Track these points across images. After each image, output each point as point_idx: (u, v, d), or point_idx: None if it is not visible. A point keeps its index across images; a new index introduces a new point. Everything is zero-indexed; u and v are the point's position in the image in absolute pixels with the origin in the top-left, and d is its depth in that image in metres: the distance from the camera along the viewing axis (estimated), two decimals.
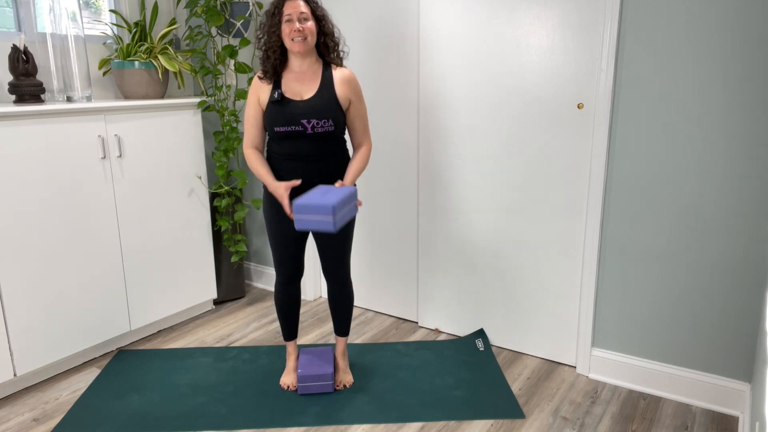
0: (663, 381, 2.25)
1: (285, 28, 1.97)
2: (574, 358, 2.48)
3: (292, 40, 1.96)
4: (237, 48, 2.82)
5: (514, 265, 2.54)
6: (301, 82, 2.04)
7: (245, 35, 2.89)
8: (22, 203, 2.19)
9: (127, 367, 2.48)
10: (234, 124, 2.97)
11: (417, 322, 2.92)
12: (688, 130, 2.05)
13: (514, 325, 2.60)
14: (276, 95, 2.01)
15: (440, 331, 2.82)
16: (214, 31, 2.98)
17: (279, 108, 2.01)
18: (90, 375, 2.44)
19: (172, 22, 2.87)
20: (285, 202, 2.01)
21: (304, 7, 1.97)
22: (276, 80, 2.05)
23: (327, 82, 2.04)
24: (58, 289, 2.34)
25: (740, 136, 1.96)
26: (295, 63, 2.04)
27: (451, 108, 2.54)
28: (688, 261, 2.13)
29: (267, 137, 2.13)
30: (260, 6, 2.91)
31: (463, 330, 2.76)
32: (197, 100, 2.78)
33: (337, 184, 2.00)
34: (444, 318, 2.80)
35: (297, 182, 2.02)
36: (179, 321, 2.95)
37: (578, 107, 2.25)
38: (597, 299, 2.35)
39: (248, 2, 2.85)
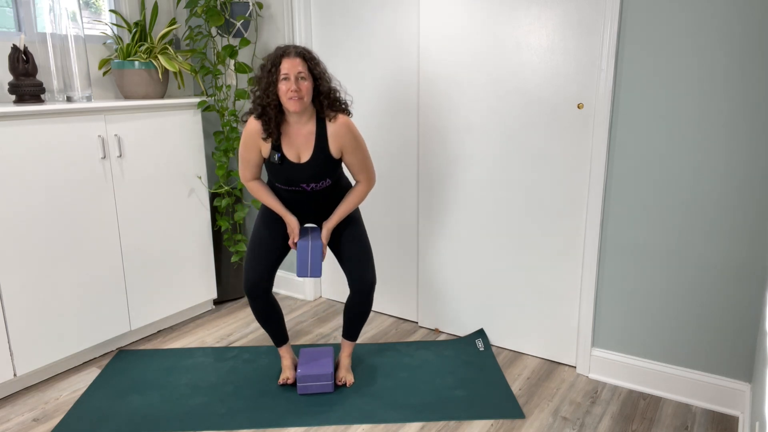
0: (663, 381, 2.25)
1: (281, 86, 1.94)
2: (574, 358, 2.48)
3: (289, 99, 1.93)
4: (237, 48, 2.82)
5: (514, 265, 2.54)
6: (298, 139, 2.04)
7: (245, 35, 2.90)
8: (22, 203, 2.19)
9: (127, 367, 2.48)
10: (234, 124, 2.97)
11: (417, 322, 2.92)
12: (688, 129, 2.05)
13: (514, 325, 2.60)
14: (276, 159, 2.04)
15: (440, 331, 2.82)
16: (214, 31, 2.98)
17: (279, 168, 2.07)
18: (90, 375, 2.44)
19: (172, 22, 2.87)
20: (293, 236, 2.17)
21: (301, 66, 1.94)
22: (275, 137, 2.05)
23: (321, 140, 2.04)
24: (59, 289, 2.34)
25: (741, 136, 1.96)
26: (292, 118, 2.03)
27: (451, 108, 2.54)
28: (688, 261, 2.13)
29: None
30: (260, 6, 2.91)
31: (463, 330, 2.76)
32: (197, 100, 2.78)
33: (324, 234, 2.15)
34: (444, 318, 2.80)
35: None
36: (179, 321, 2.95)
37: (578, 107, 2.25)
38: (597, 299, 2.35)
39: (248, 2, 2.85)
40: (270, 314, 2.23)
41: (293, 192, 2.12)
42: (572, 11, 2.19)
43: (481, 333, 2.68)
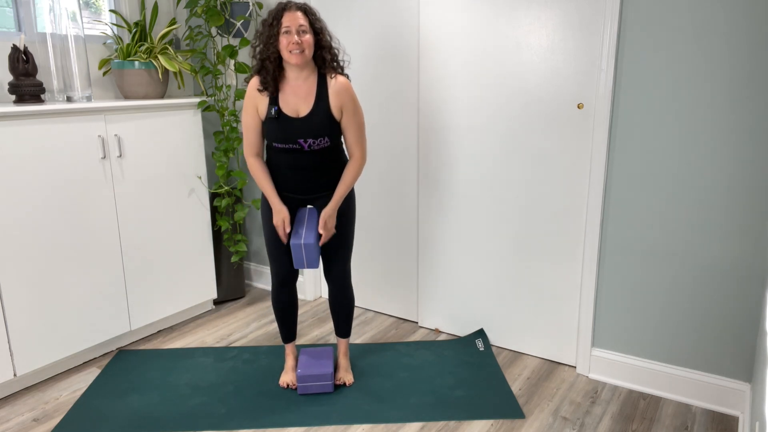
0: (663, 381, 2.25)
1: (282, 40, 1.95)
2: (574, 358, 2.48)
3: (290, 52, 1.94)
4: (237, 48, 2.82)
5: (514, 265, 2.54)
6: (297, 96, 2.03)
7: (245, 35, 2.90)
8: (23, 203, 2.19)
9: (127, 367, 2.48)
10: (234, 124, 2.97)
11: (417, 322, 2.92)
12: (688, 129, 2.05)
13: (514, 325, 2.60)
14: (273, 112, 2.01)
15: (440, 331, 2.82)
16: (214, 31, 2.98)
17: (276, 124, 2.03)
18: (90, 375, 2.44)
19: (172, 22, 2.87)
20: (281, 231, 2.12)
21: (302, 19, 1.95)
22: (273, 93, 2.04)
23: (322, 96, 2.03)
24: (58, 289, 2.34)
25: (741, 135, 1.96)
26: (291, 74, 2.02)
27: (451, 108, 2.54)
28: (688, 261, 2.13)
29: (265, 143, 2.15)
30: (260, 6, 2.91)
31: (463, 330, 2.76)
32: (197, 100, 2.78)
33: (321, 222, 2.10)
34: (444, 318, 2.80)
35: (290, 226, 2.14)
36: (179, 321, 2.95)
37: (578, 107, 2.25)
38: (597, 299, 2.35)
39: (248, 2, 2.85)
40: (291, 307, 2.30)
41: (291, 152, 2.06)
42: (572, 11, 2.19)
43: (481, 333, 2.68)
